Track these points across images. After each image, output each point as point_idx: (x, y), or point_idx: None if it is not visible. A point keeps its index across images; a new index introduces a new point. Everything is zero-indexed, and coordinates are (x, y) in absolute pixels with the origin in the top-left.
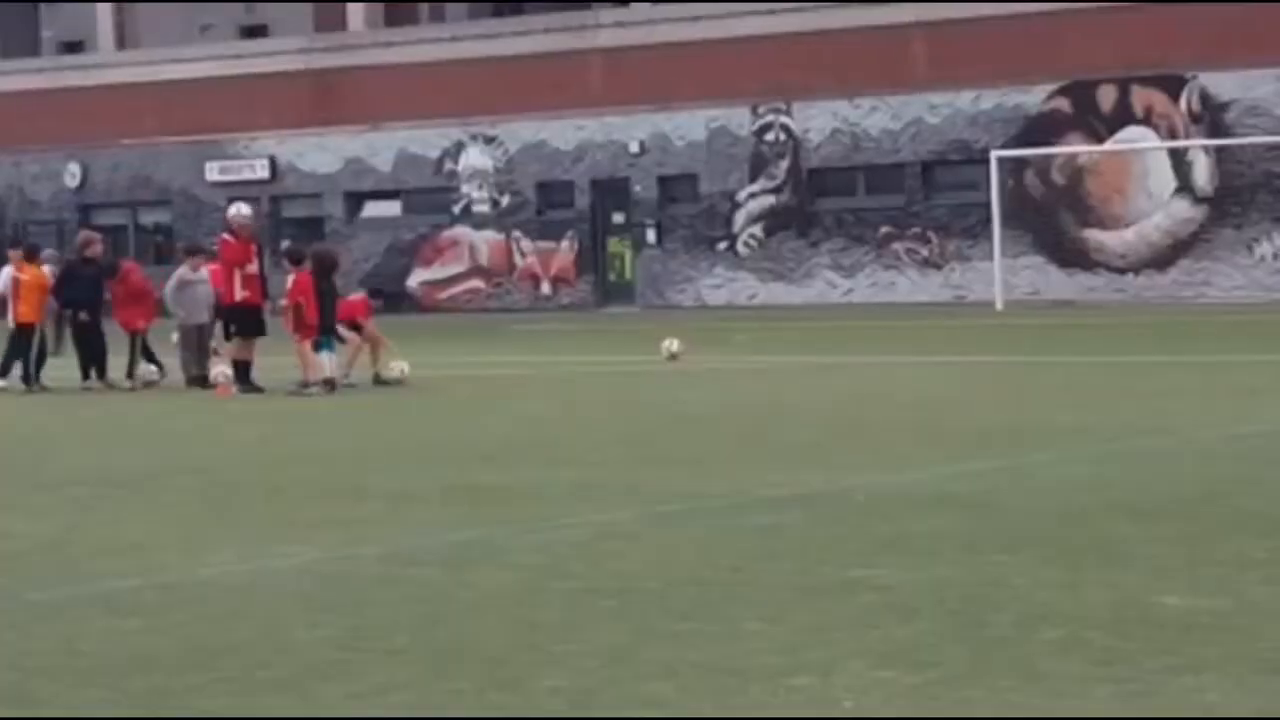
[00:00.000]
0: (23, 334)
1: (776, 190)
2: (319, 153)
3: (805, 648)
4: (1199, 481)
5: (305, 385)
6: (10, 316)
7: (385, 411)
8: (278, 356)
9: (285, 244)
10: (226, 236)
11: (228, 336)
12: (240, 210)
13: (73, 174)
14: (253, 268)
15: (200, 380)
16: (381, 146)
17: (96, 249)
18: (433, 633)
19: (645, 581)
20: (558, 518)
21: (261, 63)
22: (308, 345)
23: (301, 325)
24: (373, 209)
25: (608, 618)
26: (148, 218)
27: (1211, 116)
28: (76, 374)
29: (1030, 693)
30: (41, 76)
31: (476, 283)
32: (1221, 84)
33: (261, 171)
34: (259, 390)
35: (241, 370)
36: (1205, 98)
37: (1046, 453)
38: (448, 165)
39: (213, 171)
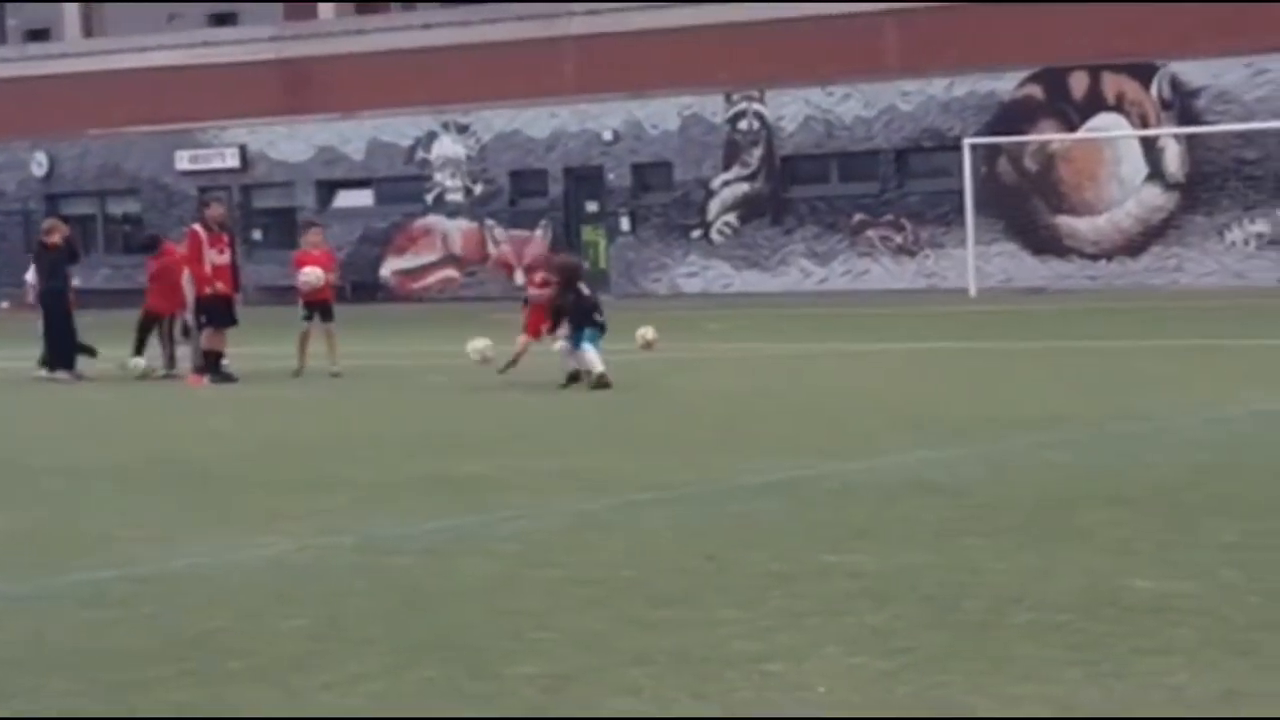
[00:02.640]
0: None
1: (750, 178)
2: (290, 142)
3: (779, 634)
4: (1171, 466)
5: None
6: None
7: (361, 401)
8: (252, 346)
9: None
10: (196, 228)
11: (200, 327)
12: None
13: (40, 163)
14: (224, 259)
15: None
16: (353, 135)
17: (54, 236)
18: (408, 622)
19: (621, 570)
20: (534, 507)
21: (231, 51)
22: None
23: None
24: (345, 198)
25: (584, 606)
26: (116, 208)
27: (1182, 103)
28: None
29: (1002, 676)
30: (7, 65)
31: (450, 272)
32: (1192, 71)
33: (232, 160)
34: (232, 380)
35: (213, 361)
36: (1176, 85)
37: (1020, 439)
38: (420, 154)
39: (182, 161)
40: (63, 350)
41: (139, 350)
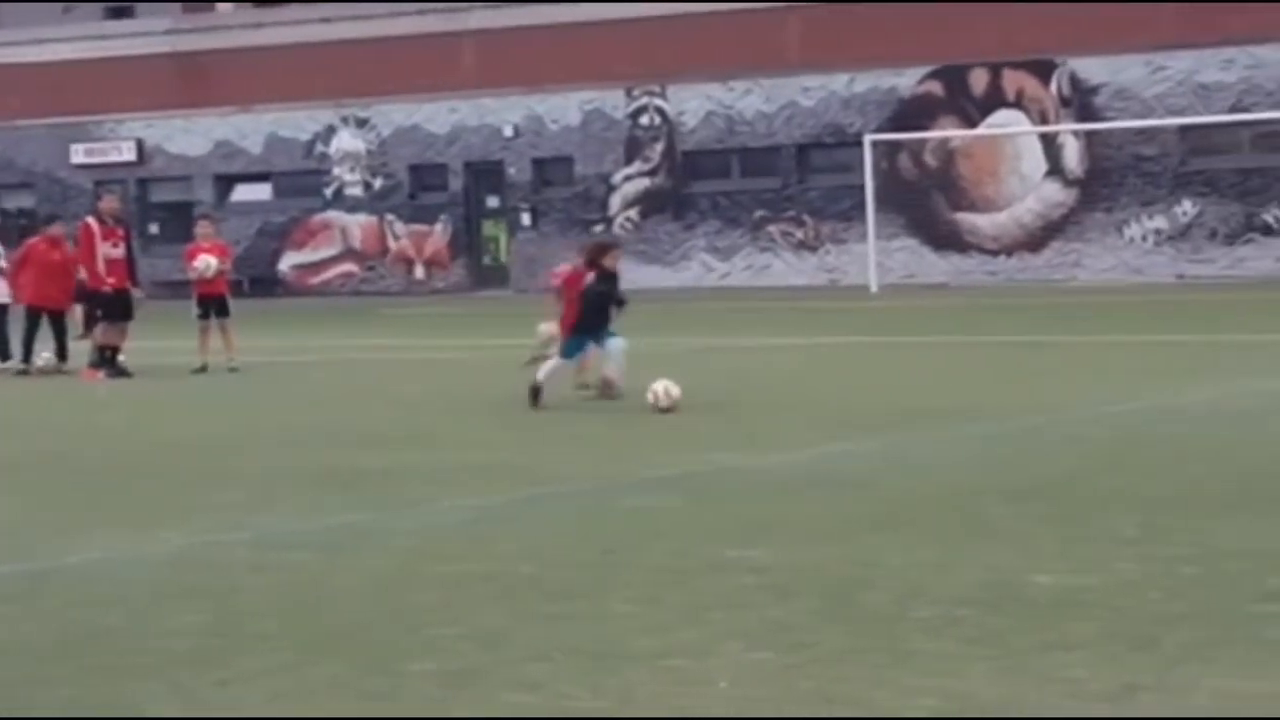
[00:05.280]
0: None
1: (651, 173)
2: (187, 135)
3: (680, 629)
4: (1072, 460)
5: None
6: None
7: (258, 396)
8: (148, 341)
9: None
10: (90, 221)
11: (95, 321)
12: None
13: None
14: (119, 252)
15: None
16: (251, 129)
17: None
18: (305, 618)
19: (519, 565)
20: (433, 501)
21: (128, 44)
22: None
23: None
24: (243, 192)
25: (482, 601)
26: (10, 201)
27: (1081, 100)
28: None
29: (903, 670)
30: None
31: (349, 266)
32: (1091, 68)
33: (128, 154)
34: (127, 375)
35: (109, 355)
36: (1075, 82)
37: (922, 433)
38: (319, 148)
39: (78, 154)
40: None
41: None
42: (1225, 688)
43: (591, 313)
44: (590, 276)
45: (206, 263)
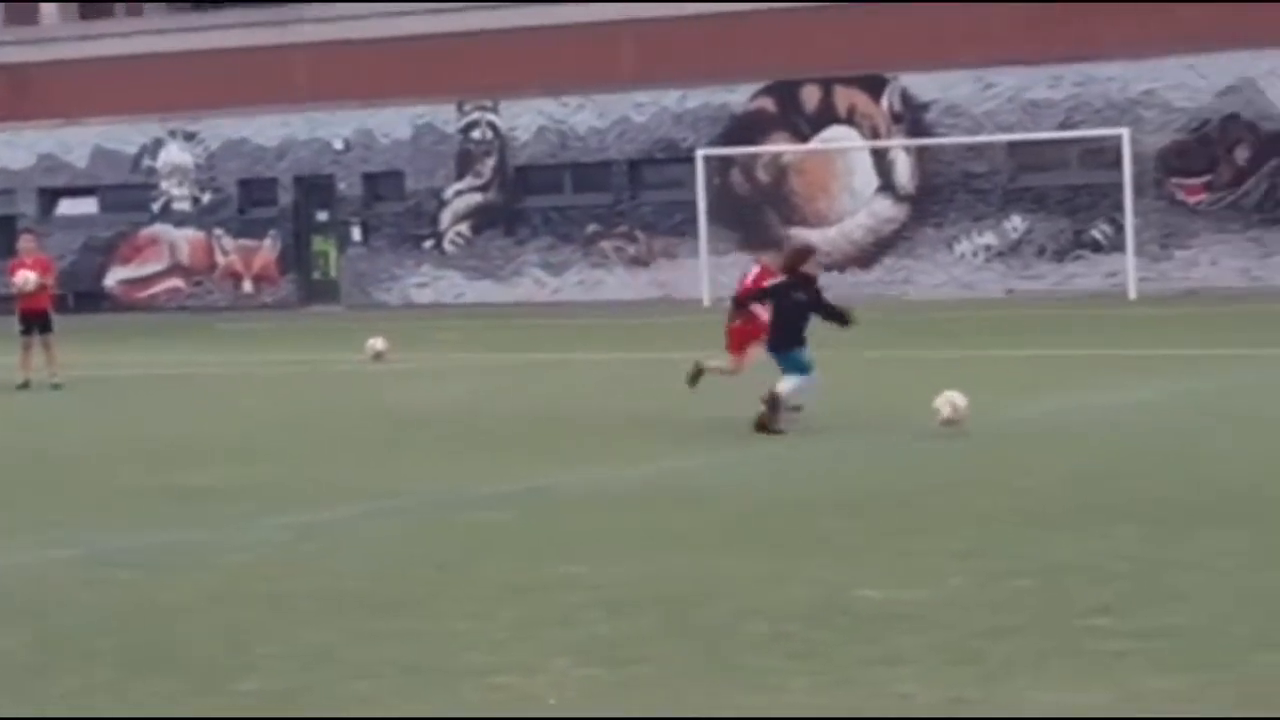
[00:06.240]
0: None
1: (483, 188)
2: (9, 149)
3: (511, 646)
4: (904, 474)
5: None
6: None
7: (86, 412)
8: None
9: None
10: None
11: None
12: None
13: None
14: None
15: None
16: (76, 143)
17: None
18: (132, 636)
19: (350, 581)
20: (262, 517)
21: None
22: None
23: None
24: (68, 206)
25: (311, 618)
26: None
27: (912, 116)
28: None
29: (730, 686)
30: None
31: (176, 281)
32: (921, 85)
33: None
34: None
35: None
36: (906, 98)
37: (758, 447)
38: (146, 162)
39: None
40: None
41: None
42: (1052, 700)
43: (792, 323)
44: (779, 281)
45: (25, 278)
